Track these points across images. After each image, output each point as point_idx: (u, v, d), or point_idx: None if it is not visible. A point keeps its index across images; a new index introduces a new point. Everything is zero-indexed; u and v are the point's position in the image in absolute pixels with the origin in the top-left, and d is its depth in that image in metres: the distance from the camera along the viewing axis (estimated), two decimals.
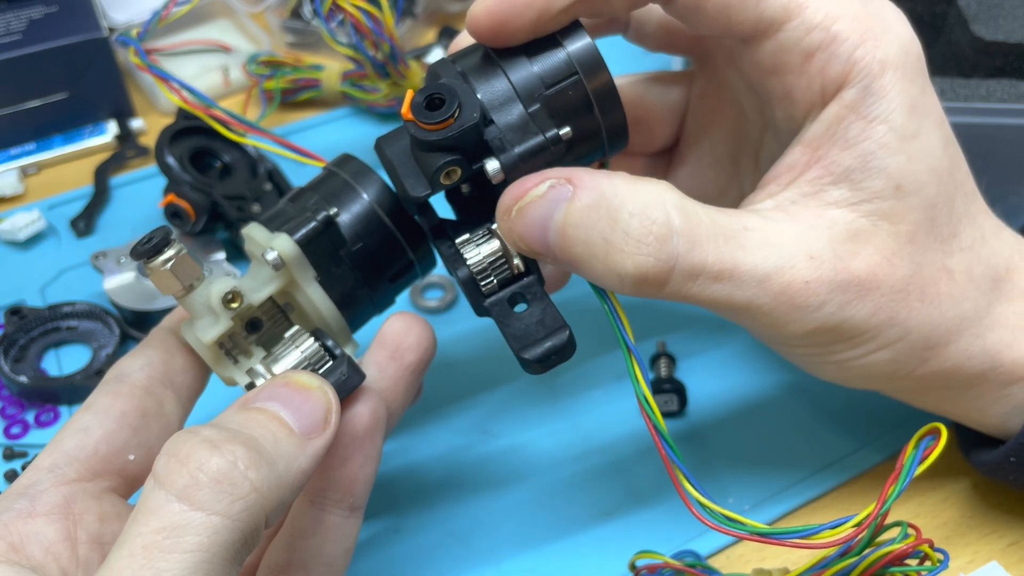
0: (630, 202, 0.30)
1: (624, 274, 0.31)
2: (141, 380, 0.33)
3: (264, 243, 0.33)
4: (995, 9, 0.50)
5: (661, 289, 0.31)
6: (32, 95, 0.59)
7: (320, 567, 0.33)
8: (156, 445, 0.33)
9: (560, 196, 0.31)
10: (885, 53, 0.31)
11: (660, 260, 0.30)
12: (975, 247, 0.34)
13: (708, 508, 0.31)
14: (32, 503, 0.30)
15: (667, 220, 0.31)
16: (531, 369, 0.32)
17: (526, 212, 0.31)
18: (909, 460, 0.31)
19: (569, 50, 0.32)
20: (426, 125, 0.31)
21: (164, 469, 0.26)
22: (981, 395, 0.36)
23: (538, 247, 0.31)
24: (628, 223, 0.30)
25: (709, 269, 0.31)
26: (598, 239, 0.30)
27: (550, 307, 0.32)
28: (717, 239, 0.31)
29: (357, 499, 0.33)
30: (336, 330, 0.35)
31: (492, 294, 0.33)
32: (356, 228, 0.35)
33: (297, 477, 0.28)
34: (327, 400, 0.30)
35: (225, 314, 0.32)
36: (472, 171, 0.32)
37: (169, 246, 0.31)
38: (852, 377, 0.36)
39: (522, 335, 0.32)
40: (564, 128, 0.32)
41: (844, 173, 0.32)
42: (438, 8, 0.70)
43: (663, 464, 0.43)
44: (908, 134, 0.32)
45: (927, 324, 0.33)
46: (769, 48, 0.32)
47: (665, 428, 0.32)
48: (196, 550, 0.24)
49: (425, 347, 0.36)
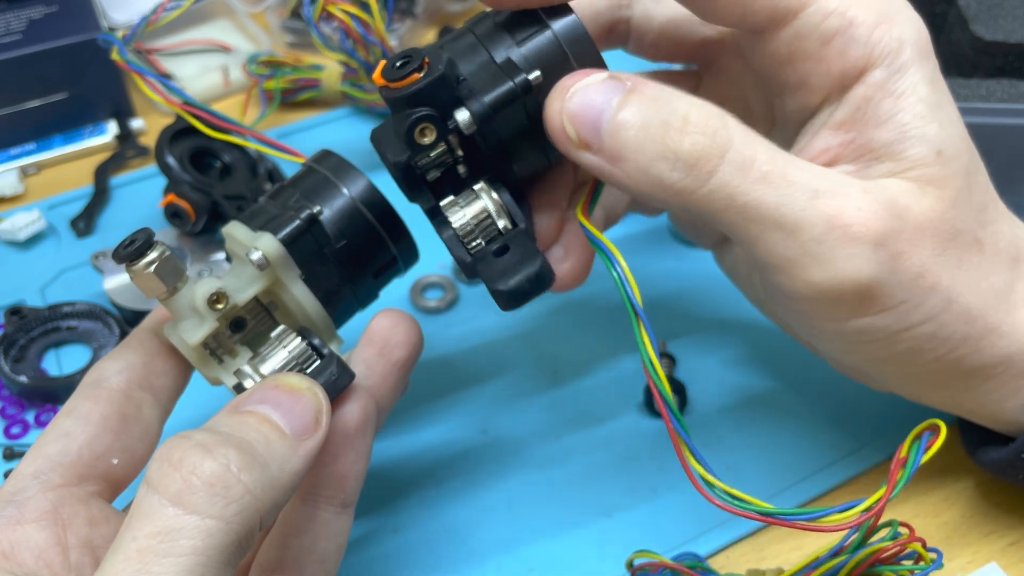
0: (688, 98, 0.31)
1: (679, 152, 0.30)
2: (120, 384, 0.33)
3: (247, 242, 0.33)
4: (995, 9, 0.50)
5: (709, 179, 0.30)
6: (32, 95, 0.59)
7: (313, 564, 0.33)
8: (137, 449, 0.33)
9: (619, 85, 0.31)
10: (901, 31, 0.32)
11: (716, 144, 0.30)
12: (999, 222, 0.34)
13: (712, 484, 0.31)
14: (20, 510, 0.30)
15: (723, 115, 0.31)
16: (503, 302, 0.31)
17: (585, 92, 0.31)
18: (914, 449, 0.30)
19: (542, 11, 0.32)
20: (394, 84, 0.31)
21: (157, 474, 0.26)
22: (1003, 384, 0.35)
23: (588, 130, 0.31)
24: (688, 110, 0.30)
25: (760, 166, 0.30)
26: (656, 121, 0.30)
27: (529, 246, 0.32)
28: (770, 148, 0.31)
29: (348, 495, 0.33)
30: (321, 327, 0.35)
31: (478, 251, 0.33)
32: (339, 225, 0.35)
33: (290, 478, 0.28)
34: (317, 401, 0.30)
35: (210, 315, 0.32)
36: (448, 129, 0.31)
37: (152, 248, 0.31)
38: (892, 356, 0.34)
39: (499, 274, 0.31)
40: (534, 72, 0.31)
41: (884, 147, 0.32)
42: (438, 8, 0.70)
43: (663, 464, 0.44)
44: (935, 103, 0.32)
45: (967, 294, 0.33)
46: (785, 36, 0.32)
47: (671, 397, 0.30)
48: (191, 553, 0.24)
49: (413, 343, 0.36)
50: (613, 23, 0.39)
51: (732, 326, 0.48)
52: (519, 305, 0.31)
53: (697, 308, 0.50)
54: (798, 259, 0.31)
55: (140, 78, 0.46)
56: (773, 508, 0.30)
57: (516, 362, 0.48)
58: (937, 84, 0.33)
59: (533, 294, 0.31)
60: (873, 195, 0.31)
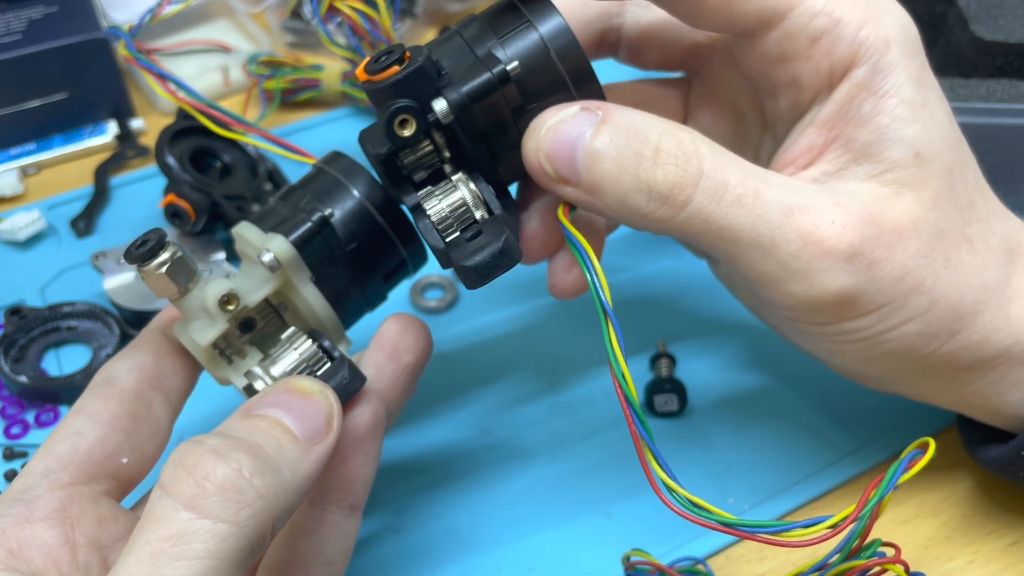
0: (659, 125, 0.31)
1: (653, 184, 0.31)
2: (131, 383, 0.33)
3: (259, 244, 0.33)
4: (995, 9, 0.50)
5: (684, 208, 0.31)
6: (32, 95, 0.58)
7: (320, 567, 0.33)
8: (147, 448, 0.33)
9: (591, 117, 0.31)
10: (887, 31, 0.32)
11: (687, 173, 0.31)
12: (990, 218, 0.35)
13: (673, 491, 0.31)
14: (29, 508, 0.30)
15: (694, 141, 0.31)
16: (468, 278, 0.31)
17: (558, 129, 0.31)
18: (892, 469, 0.30)
19: (525, 9, 0.33)
20: (374, 76, 0.31)
21: (171, 478, 0.26)
22: (1002, 377, 0.35)
23: (564, 166, 0.31)
24: (659, 140, 0.31)
25: (732, 189, 0.31)
26: (629, 153, 0.31)
27: (499, 226, 0.32)
28: (742, 170, 0.31)
29: (357, 498, 0.33)
30: (331, 329, 0.35)
31: (451, 238, 0.32)
32: (350, 228, 0.35)
33: (302, 483, 0.28)
34: (329, 405, 0.30)
35: (221, 316, 0.32)
36: (427, 121, 0.31)
37: (164, 249, 0.31)
38: (880, 355, 0.34)
39: (467, 254, 0.31)
40: (512, 63, 0.31)
41: (863, 148, 0.33)
42: (438, 8, 0.70)
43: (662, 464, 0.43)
44: (918, 104, 0.32)
45: (953, 293, 0.33)
46: (774, 37, 0.33)
47: (637, 401, 0.30)
48: (203, 557, 0.25)
49: (422, 348, 0.36)
50: (603, 32, 0.39)
51: (732, 326, 0.48)
52: (484, 282, 0.31)
53: (697, 308, 0.50)
54: (776, 274, 0.32)
55: (148, 73, 0.46)
56: (734, 519, 0.30)
57: (516, 362, 0.48)
58: (924, 83, 0.33)
59: (499, 269, 0.31)
60: (845, 208, 0.32)
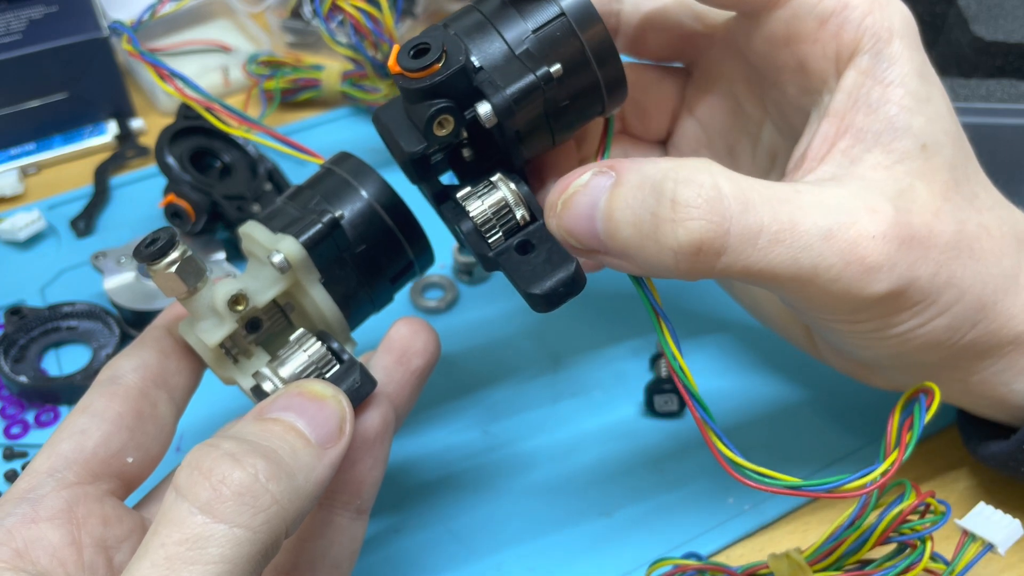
0: (674, 172, 0.29)
1: (677, 246, 0.29)
2: (135, 381, 0.33)
3: (268, 244, 0.33)
4: (995, 9, 0.50)
5: (719, 258, 0.29)
6: (32, 95, 0.58)
7: (326, 569, 0.33)
8: (152, 447, 0.33)
9: (603, 182, 0.30)
10: (891, 21, 0.32)
11: (713, 223, 0.29)
12: (995, 208, 0.35)
13: (742, 466, 0.31)
14: (34, 508, 0.29)
15: (715, 183, 0.29)
16: (538, 305, 0.31)
17: (571, 203, 0.30)
18: (916, 409, 0.31)
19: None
20: (413, 74, 0.30)
21: (187, 482, 0.26)
22: (1010, 365, 0.35)
23: (588, 238, 0.30)
24: (675, 191, 0.29)
25: (767, 229, 0.29)
26: (645, 215, 0.29)
27: (556, 246, 0.31)
28: (771, 201, 0.30)
29: (364, 501, 0.34)
30: (337, 331, 0.35)
31: (499, 246, 0.32)
32: (359, 230, 0.35)
33: (315, 488, 0.28)
34: (341, 409, 0.30)
35: (230, 316, 0.32)
36: (465, 120, 0.31)
37: (174, 248, 0.31)
38: (908, 351, 0.34)
39: (529, 275, 0.31)
40: (555, 65, 0.31)
41: (874, 137, 0.32)
42: (438, 8, 0.70)
43: (664, 464, 0.43)
44: (922, 97, 0.33)
45: (979, 283, 0.33)
46: (783, 17, 0.33)
47: (696, 389, 0.31)
48: (219, 561, 0.25)
49: (431, 352, 0.36)
50: (603, 17, 0.39)
51: (732, 326, 0.48)
52: (553, 308, 0.31)
53: (697, 308, 0.50)
54: (818, 297, 0.31)
55: (153, 69, 0.46)
56: (800, 481, 0.31)
57: (516, 363, 0.48)
58: (927, 77, 0.33)
59: (567, 297, 0.31)
60: (880, 215, 0.31)
